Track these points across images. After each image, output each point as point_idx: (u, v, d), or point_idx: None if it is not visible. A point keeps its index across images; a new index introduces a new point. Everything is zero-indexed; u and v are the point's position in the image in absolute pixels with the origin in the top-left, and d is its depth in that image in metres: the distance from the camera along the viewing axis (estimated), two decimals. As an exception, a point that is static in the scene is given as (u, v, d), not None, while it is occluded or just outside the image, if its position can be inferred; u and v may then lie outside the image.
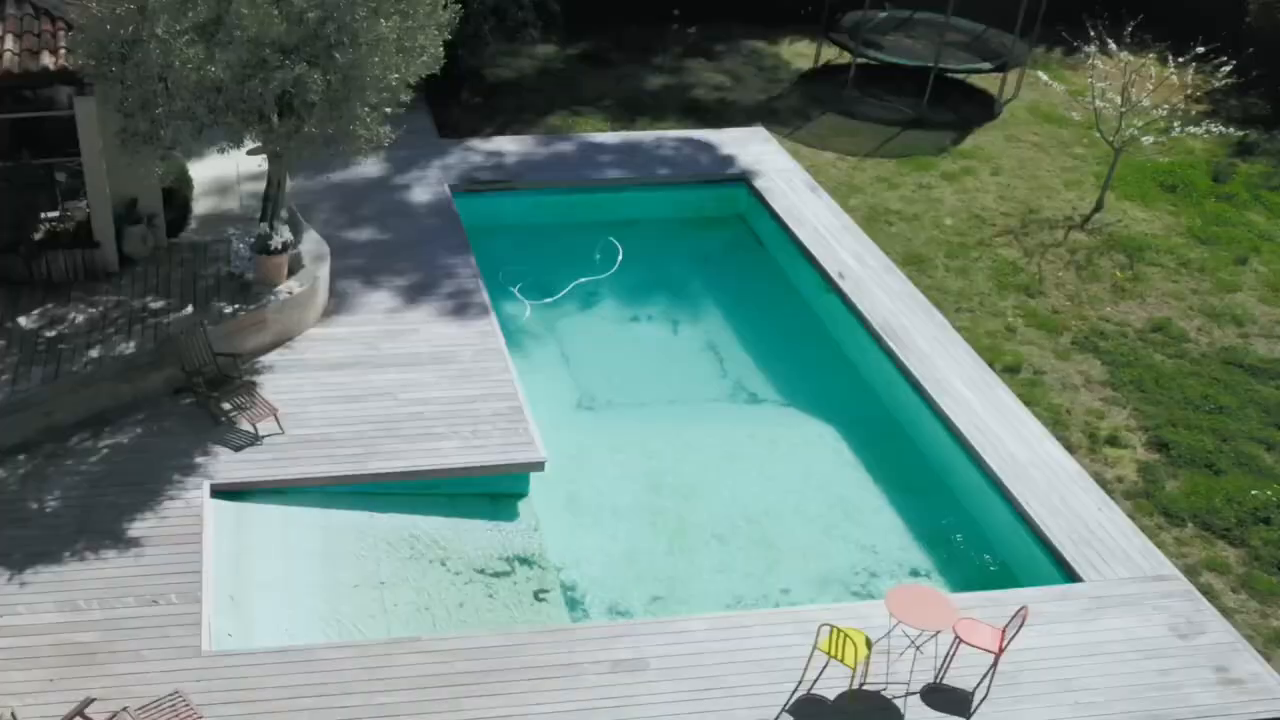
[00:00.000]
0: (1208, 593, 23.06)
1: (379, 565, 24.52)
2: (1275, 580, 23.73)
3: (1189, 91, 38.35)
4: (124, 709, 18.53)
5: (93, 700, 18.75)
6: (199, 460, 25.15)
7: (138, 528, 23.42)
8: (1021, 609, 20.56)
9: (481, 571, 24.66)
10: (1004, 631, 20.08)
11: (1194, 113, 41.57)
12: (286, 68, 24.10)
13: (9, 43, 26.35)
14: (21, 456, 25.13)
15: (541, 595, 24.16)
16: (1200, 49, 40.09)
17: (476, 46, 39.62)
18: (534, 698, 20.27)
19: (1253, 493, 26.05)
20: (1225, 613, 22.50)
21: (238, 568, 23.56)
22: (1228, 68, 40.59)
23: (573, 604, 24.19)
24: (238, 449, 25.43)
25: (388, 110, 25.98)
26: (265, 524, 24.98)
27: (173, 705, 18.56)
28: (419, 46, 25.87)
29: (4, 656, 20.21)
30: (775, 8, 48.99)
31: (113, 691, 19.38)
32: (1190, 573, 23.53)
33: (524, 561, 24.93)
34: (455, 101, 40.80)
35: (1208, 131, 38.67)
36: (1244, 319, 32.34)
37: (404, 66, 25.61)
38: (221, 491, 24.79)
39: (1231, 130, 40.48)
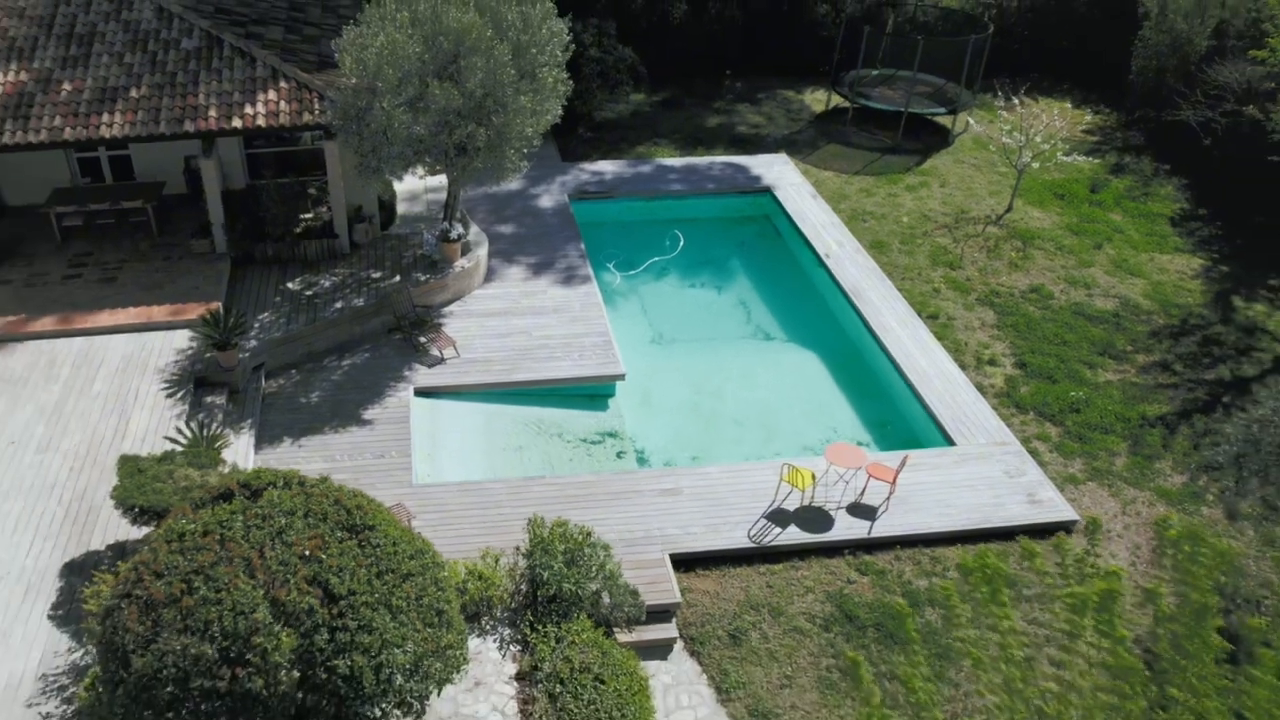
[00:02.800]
0: (1033, 453, 25.66)
1: (519, 437, 26.99)
2: (1075, 446, 25.96)
3: (1064, 133, 38.32)
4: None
5: (350, 508, 23.05)
6: (406, 373, 27.69)
7: (369, 414, 26.05)
8: (904, 456, 23.71)
9: (584, 441, 27.12)
10: (896, 471, 23.21)
11: (1085, 144, 42.12)
12: (462, 126, 26.46)
13: (284, 105, 28.75)
14: (294, 371, 27.79)
15: (621, 454, 26.60)
16: (1070, 104, 40.65)
17: (587, 98, 41.10)
18: (612, 510, 23.27)
19: (1072, 394, 28.00)
20: (1041, 464, 25.19)
21: (432, 438, 26.20)
22: (1089, 114, 41.55)
23: (640, 460, 26.65)
24: (430, 366, 27.95)
25: (525, 150, 27.96)
26: (448, 412, 27.40)
27: (396, 510, 21.92)
28: (546, 109, 27.66)
29: (294, 487, 23.72)
30: (801, 66, 49.11)
31: (360, 504, 22.90)
32: (1025, 441, 26.05)
33: (611, 435, 27.36)
34: (573, 136, 42.17)
35: (1074, 159, 39.23)
36: (1092, 285, 33.47)
37: (536, 124, 27.57)
38: (420, 392, 27.35)
39: (1089, 159, 40.57)
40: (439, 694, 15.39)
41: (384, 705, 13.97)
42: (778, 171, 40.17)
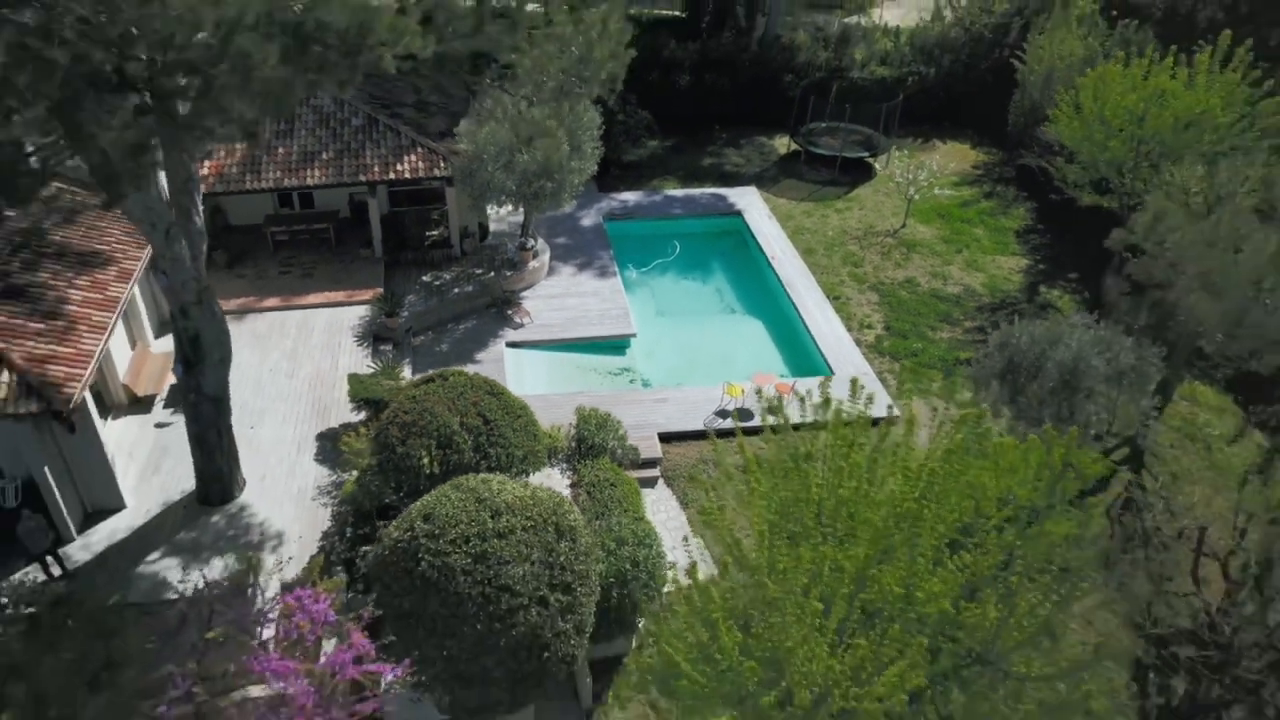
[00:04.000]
0: (883, 380, 33.67)
1: (569, 371, 34.52)
2: (910, 376, 33.77)
3: (940, 174, 44.49)
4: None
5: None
6: (500, 334, 35.10)
7: (478, 357, 33.90)
8: (794, 381, 32.92)
9: (609, 373, 34.64)
10: (791, 387, 32.64)
11: (972, 175, 48.24)
12: (536, 181, 35.00)
13: (420, 164, 36.39)
14: (430, 332, 35.23)
15: (632, 381, 34.42)
16: (969, 145, 47.17)
17: (616, 147, 46.83)
18: (626, 409, 31.51)
19: (915, 345, 35.62)
20: (886, 387, 33.20)
21: (519, 372, 33.87)
22: (981, 153, 48.14)
23: (644, 384, 34.11)
24: (515, 329, 35.29)
25: (574, 193, 36.18)
26: (527, 359, 34.79)
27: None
28: (587, 168, 36.23)
29: (436, 398, 33.48)
30: (772, 119, 54.51)
31: (477, 408, 32.82)
32: (879, 373, 34.04)
33: (626, 370, 34.67)
34: (607, 174, 46.54)
35: (946, 193, 45.07)
36: (948, 278, 40.10)
37: (580, 177, 36.04)
38: (510, 345, 34.66)
39: (970, 187, 46.46)
40: (531, 475, 27.94)
41: (504, 459, 26.64)
42: (748, 200, 46.72)
